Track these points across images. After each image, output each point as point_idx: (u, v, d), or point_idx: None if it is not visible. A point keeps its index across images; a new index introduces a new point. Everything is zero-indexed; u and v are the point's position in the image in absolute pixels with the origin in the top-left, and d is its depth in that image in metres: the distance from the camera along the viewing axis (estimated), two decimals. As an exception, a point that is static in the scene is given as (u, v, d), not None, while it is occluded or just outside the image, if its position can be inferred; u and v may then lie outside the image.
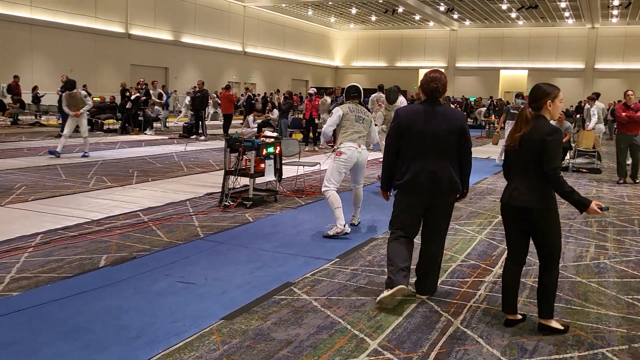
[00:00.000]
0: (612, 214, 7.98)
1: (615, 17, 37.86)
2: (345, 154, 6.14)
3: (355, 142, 6.19)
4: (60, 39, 25.89)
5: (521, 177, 3.66)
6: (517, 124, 3.63)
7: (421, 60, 46.54)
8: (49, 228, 6.08)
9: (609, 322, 4.00)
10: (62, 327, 3.62)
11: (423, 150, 4.12)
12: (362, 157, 6.26)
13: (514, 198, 3.65)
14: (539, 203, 3.56)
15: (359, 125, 6.26)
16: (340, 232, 6.04)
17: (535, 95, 3.65)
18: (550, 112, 3.63)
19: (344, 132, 6.23)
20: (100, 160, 11.68)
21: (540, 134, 3.51)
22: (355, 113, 6.29)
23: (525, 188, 3.60)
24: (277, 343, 3.51)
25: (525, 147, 3.57)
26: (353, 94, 6.51)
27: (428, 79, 4.16)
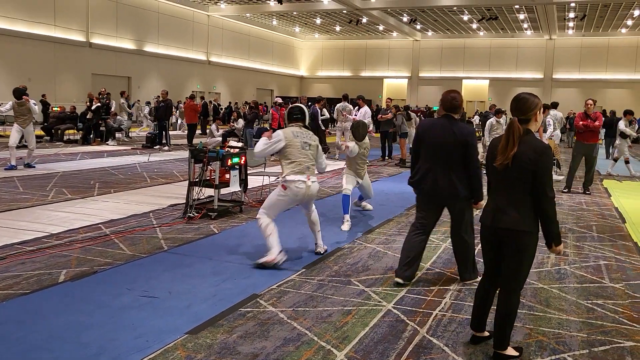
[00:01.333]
0: (571, 220, 8.18)
1: (572, 29, 39.06)
2: (291, 191, 5.35)
3: (304, 175, 5.39)
4: (18, 47, 25.27)
5: (504, 196, 3.38)
6: (508, 139, 3.32)
7: (385, 70, 47.07)
8: (5, 243, 5.88)
9: (570, 327, 4.09)
10: (19, 346, 3.50)
11: (432, 157, 4.76)
12: (312, 190, 5.47)
13: (497, 219, 3.38)
14: (524, 225, 3.30)
15: (305, 153, 5.45)
16: (272, 260, 5.24)
17: (524, 106, 3.38)
18: (536, 124, 3.41)
19: (289, 162, 5.40)
20: (60, 172, 11.40)
21: (534, 152, 3.26)
22: (300, 139, 5.46)
23: (510, 208, 3.34)
24: (243, 357, 3.47)
25: (516, 165, 3.29)
26: (296, 116, 5.62)
27: (449, 97, 4.75)
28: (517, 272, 3.38)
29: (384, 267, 5.50)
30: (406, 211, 8.50)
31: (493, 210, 3.43)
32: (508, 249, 3.38)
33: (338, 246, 6.27)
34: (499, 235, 3.40)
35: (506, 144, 3.33)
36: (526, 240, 3.32)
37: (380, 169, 14.30)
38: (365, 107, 13.48)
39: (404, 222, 7.70)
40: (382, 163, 15.69)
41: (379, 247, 6.31)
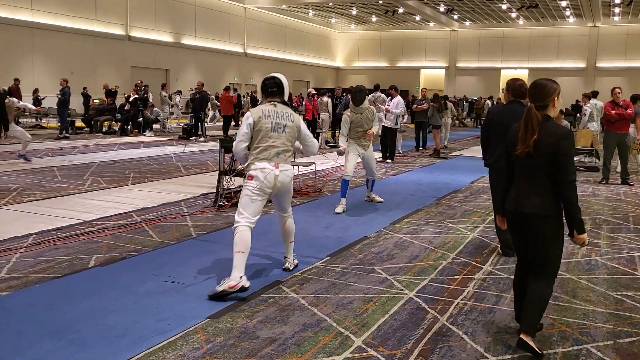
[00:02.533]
0: (607, 211, 7.96)
1: (617, 16, 37.78)
2: (257, 179, 4.47)
3: (271, 162, 4.50)
4: (60, 41, 25.98)
5: (526, 182, 3.39)
6: (527, 126, 3.31)
7: (422, 61, 46.55)
8: (41, 229, 6.09)
9: (596, 318, 4.00)
10: (47, 326, 3.63)
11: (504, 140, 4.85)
12: (283, 179, 4.57)
13: (520, 205, 3.38)
14: (547, 209, 3.30)
15: (277, 136, 4.54)
16: (233, 287, 4.14)
17: (541, 92, 3.35)
18: (555, 110, 3.37)
19: (255, 147, 4.54)
20: (97, 162, 11.71)
21: (555, 137, 3.24)
22: (272, 119, 4.54)
23: (533, 194, 3.34)
24: (261, 341, 3.51)
25: (538, 152, 3.28)
26: (271, 90, 4.69)
27: (518, 84, 5.26)
28: (544, 257, 3.37)
29: (408, 256, 5.48)
30: (436, 201, 8.42)
31: (515, 196, 3.44)
32: (531, 234, 3.39)
33: (364, 235, 6.26)
34: (522, 221, 3.41)
35: (525, 131, 3.31)
36: (547, 224, 3.31)
37: (414, 159, 14.18)
38: (398, 97, 13.35)
39: (434, 212, 7.64)
40: (416, 153, 15.55)
41: (406, 236, 6.28)
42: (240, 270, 4.28)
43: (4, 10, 23.81)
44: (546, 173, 3.29)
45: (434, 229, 6.66)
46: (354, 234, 6.30)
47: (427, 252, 5.64)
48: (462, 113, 31.53)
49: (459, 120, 29.83)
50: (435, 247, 5.85)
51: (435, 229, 6.64)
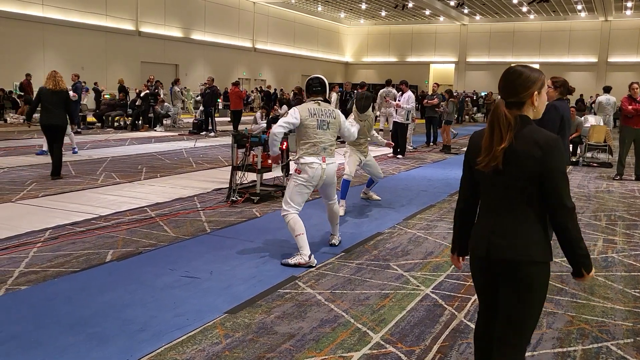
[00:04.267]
0: (622, 208, 7.90)
1: (630, 10, 37.37)
2: (306, 173, 4.98)
3: (318, 156, 4.99)
4: (71, 37, 26.06)
5: (500, 212, 2.36)
6: (493, 129, 2.31)
7: (432, 55, 46.31)
8: (57, 224, 6.13)
9: (615, 316, 3.97)
10: (67, 320, 3.66)
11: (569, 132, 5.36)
12: (329, 172, 5.07)
13: (496, 247, 2.34)
14: (536, 253, 2.30)
15: (322, 133, 5.01)
16: (304, 264, 4.88)
17: (515, 84, 2.35)
18: (536, 109, 2.38)
19: (303, 142, 5.01)
20: (109, 157, 11.76)
21: (537, 146, 2.24)
22: (317, 117, 4.99)
23: (512, 230, 2.32)
24: (279, 337, 3.52)
25: (511, 168, 2.28)
26: (316, 89, 5.16)
27: (564, 81, 5.35)
28: (522, 320, 2.34)
29: (423, 252, 5.47)
30: (449, 197, 8.39)
31: (486, 234, 2.38)
32: (507, 287, 2.34)
33: (378, 230, 6.26)
34: (495, 269, 2.37)
35: (491, 137, 2.31)
36: (536, 275, 2.30)
37: (424, 155, 14.14)
38: (409, 92, 13.31)
39: (447, 207, 7.61)
40: (427, 149, 15.51)
41: (420, 232, 6.27)
42: (307, 249, 4.95)
43: (15, 6, 23.92)
44: (527, 198, 2.29)
45: (448, 225, 6.64)
46: (368, 230, 6.30)
47: (441, 248, 5.63)
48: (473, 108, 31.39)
49: (469, 115, 29.71)
50: (449, 243, 5.82)
51: (449, 225, 6.61)
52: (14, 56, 23.87)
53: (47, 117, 9.00)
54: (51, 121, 8.99)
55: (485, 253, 2.37)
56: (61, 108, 9.05)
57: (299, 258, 4.92)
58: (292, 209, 5.04)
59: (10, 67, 23.61)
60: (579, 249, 2.30)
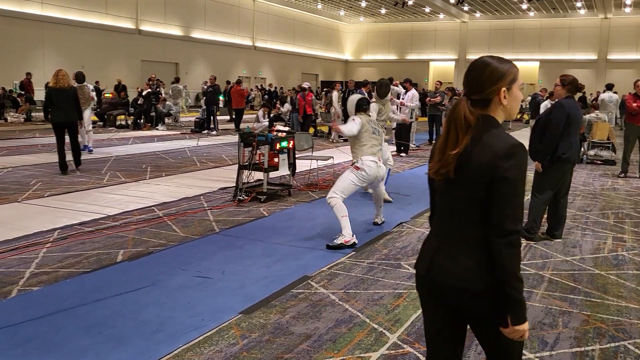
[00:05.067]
0: (629, 205, 7.90)
1: (629, 7, 37.36)
2: (365, 172, 5.71)
3: (375, 156, 5.85)
4: (71, 35, 26.01)
5: (449, 228, 2.02)
6: (449, 132, 1.99)
7: (432, 53, 46.28)
8: (65, 224, 6.12)
9: (630, 315, 3.97)
10: (83, 321, 3.65)
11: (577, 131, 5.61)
12: (381, 172, 5.98)
13: (436, 268, 2.01)
14: (475, 281, 1.91)
15: (375, 137, 5.94)
16: (348, 242, 5.48)
17: (480, 78, 1.99)
18: (506, 108, 2.01)
19: (362, 144, 5.83)
20: (113, 156, 11.74)
21: (492, 154, 1.89)
22: (371, 125, 5.98)
23: (456, 251, 1.97)
24: (296, 337, 3.52)
25: (462, 176, 1.95)
26: (365, 107, 6.13)
27: (573, 79, 5.56)
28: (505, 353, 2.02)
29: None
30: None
31: (431, 253, 2.05)
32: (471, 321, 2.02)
33: (387, 230, 6.25)
34: (442, 295, 2.02)
35: (445, 141, 1.99)
36: (479, 306, 1.94)
37: (428, 153, 14.13)
38: (413, 90, 13.31)
39: (453, 206, 7.60)
40: (429, 147, 15.50)
41: (428, 231, 6.25)
42: (349, 228, 5.51)
43: (14, 4, 23.86)
44: (478, 213, 1.93)
45: (456, 223, 6.63)
46: (376, 229, 6.29)
47: (451, 247, 5.61)
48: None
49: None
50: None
51: (457, 224, 6.61)
52: (14, 55, 23.82)
53: (57, 115, 9.33)
54: (60, 118, 9.30)
55: (425, 271, 2.04)
56: (70, 105, 9.36)
57: (342, 237, 5.48)
58: (339, 195, 5.59)
59: (10, 66, 23.57)
60: (510, 287, 1.85)
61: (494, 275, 1.89)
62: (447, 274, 1.96)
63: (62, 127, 9.34)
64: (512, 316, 1.88)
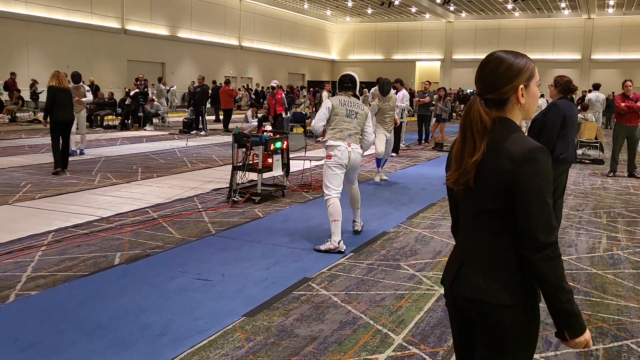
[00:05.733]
0: (619, 204, 7.99)
1: (612, 8, 37.83)
2: (335, 156, 5.44)
3: (344, 141, 5.45)
4: (56, 35, 25.70)
5: (469, 240, 1.89)
6: (465, 136, 1.83)
7: (418, 53, 46.48)
8: (59, 226, 6.04)
9: (630, 314, 4.01)
10: (84, 325, 3.60)
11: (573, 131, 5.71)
12: (355, 156, 5.53)
13: (460, 282, 1.88)
14: (498, 294, 1.78)
15: (350, 121, 5.50)
16: (333, 249, 5.28)
17: (494, 75, 1.83)
18: (523, 108, 1.85)
19: (331, 129, 5.52)
20: (103, 157, 11.62)
21: (510, 159, 1.73)
22: (346, 107, 5.53)
23: (476, 263, 1.85)
24: (301, 339, 3.50)
25: (481, 184, 1.80)
26: (347, 85, 5.69)
27: (566, 81, 5.59)
28: None
29: (432, 252, 5.48)
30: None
31: (456, 266, 1.92)
32: (480, 332, 1.86)
33: (384, 230, 6.25)
34: (464, 308, 1.89)
35: (462, 147, 1.83)
36: (505, 319, 1.78)
37: (418, 152, 14.19)
38: (404, 91, 13.33)
39: (447, 206, 7.62)
40: (419, 147, 15.56)
41: (425, 231, 6.28)
42: (338, 235, 5.32)
43: (-2, 3, 23.54)
44: (497, 224, 1.80)
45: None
46: (373, 229, 6.29)
47: (449, 248, 5.64)
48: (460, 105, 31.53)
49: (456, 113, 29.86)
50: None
51: (453, 224, 6.63)
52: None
53: (59, 114, 9.49)
54: (63, 117, 9.54)
55: (448, 286, 1.93)
56: (70, 105, 9.70)
57: (329, 244, 5.32)
58: (333, 192, 5.44)
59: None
60: (559, 301, 1.69)
61: (521, 288, 1.77)
62: (471, 288, 1.83)
63: (63, 126, 9.56)
64: (568, 330, 1.72)
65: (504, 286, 1.77)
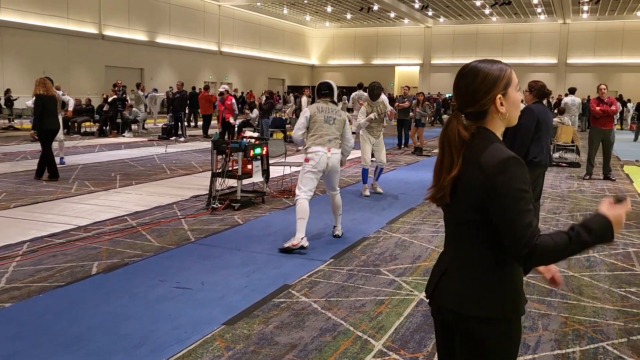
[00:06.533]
0: (595, 207, 8.11)
1: (586, 13, 38.54)
2: (313, 160, 5.64)
3: (324, 147, 5.66)
4: (31, 40, 25.36)
5: (451, 252, 1.90)
6: (443, 152, 1.84)
7: (397, 58, 46.79)
8: (35, 236, 5.95)
9: (606, 316, 4.07)
10: (61, 337, 3.54)
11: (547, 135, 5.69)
12: (333, 161, 5.73)
13: (441, 292, 1.88)
14: (476, 306, 1.77)
15: (328, 127, 5.72)
16: (296, 245, 5.43)
17: (471, 89, 1.81)
18: (505, 116, 1.83)
19: (311, 135, 5.73)
20: (80, 164, 11.48)
21: (481, 171, 1.73)
22: (324, 114, 5.75)
23: (456, 274, 1.85)
24: (281, 347, 3.49)
25: (460, 200, 1.80)
26: (324, 92, 5.91)
27: (540, 85, 5.68)
28: None
29: (411, 257, 5.50)
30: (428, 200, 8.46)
31: (438, 275, 1.92)
32: (459, 342, 1.85)
33: (363, 236, 6.27)
34: (445, 318, 1.89)
35: (440, 163, 1.85)
36: (484, 332, 1.77)
37: (397, 157, 14.25)
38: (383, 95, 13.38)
39: (427, 210, 7.68)
40: (398, 151, 15.63)
41: (405, 236, 6.31)
42: (302, 232, 5.47)
43: (-28, 9, 23.17)
44: (476, 236, 1.80)
45: (431, 228, 6.70)
46: (353, 235, 6.30)
47: (428, 252, 5.67)
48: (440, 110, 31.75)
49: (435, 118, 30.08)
50: (435, 246, 5.88)
51: (432, 228, 6.68)
52: (-28, 61, 23.12)
53: (49, 122, 9.44)
54: (52, 126, 9.50)
55: (429, 294, 1.93)
56: (56, 112, 9.68)
57: (292, 240, 5.48)
58: (303, 193, 5.63)
59: (-32, 72, 22.86)
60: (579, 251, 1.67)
61: (502, 301, 1.77)
62: (451, 299, 1.82)
63: (52, 134, 9.54)
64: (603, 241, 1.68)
65: (484, 298, 1.77)
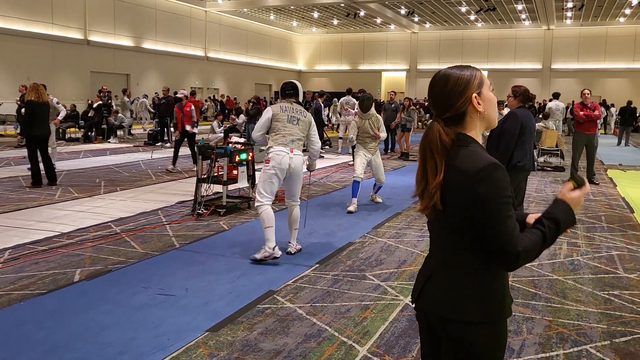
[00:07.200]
0: (580, 211, 8.17)
1: (570, 19, 38.97)
2: (274, 160, 5.32)
3: (286, 147, 5.38)
4: (15, 45, 25.13)
5: (437, 255, 1.90)
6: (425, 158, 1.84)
7: (383, 63, 46.95)
8: (17, 243, 5.87)
9: (589, 319, 4.09)
10: (42, 346, 3.49)
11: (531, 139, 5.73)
12: (296, 163, 5.40)
13: (426, 296, 1.88)
14: (461, 310, 1.78)
15: (292, 127, 5.46)
16: (268, 256, 5.24)
17: (444, 94, 1.83)
18: (483, 115, 1.84)
19: (274, 135, 5.45)
20: (64, 170, 11.36)
21: (464, 176, 1.74)
22: (288, 113, 5.50)
23: (442, 278, 1.85)
24: (265, 354, 3.46)
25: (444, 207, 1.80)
26: (288, 92, 5.69)
27: (524, 90, 5.68)
28: None
29: (397, 261, 5.50)
30: (414, 204, 8.49)
31: (422, 280, 1.93)
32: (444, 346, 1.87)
33: (349, 240, 6.26)
34: (430, 323, 1.91)
35: (423, 169, 1.85)
36: (470, 336, 1.78)
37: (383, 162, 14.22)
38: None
39: (413, 215, 7.69)
40: (385, 156, 15.66)
41: (390, 241, 6.31)
42: (272, 242, 5.27)
43: (-45, 14, 22.92)
44: (460, 241, 1.81)
45: (416, 232, 6.71)
46: (339, 240, 6.29)
47: (414, 257, 5.67)
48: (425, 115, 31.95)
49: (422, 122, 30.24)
50: (421, 251, 5.89)
51: (418, 233, 6.68)
52: (-45, 66, 22.85)
53: (37, 129, 9.32)
54: (40, 132, 9.35)
55: (416, 299, 1.93)
56: (47, 119, 9.53)
57: (264, 251, 5.27)
58: (265, 199, 5.37)
59: (-49, 78, 22.59)
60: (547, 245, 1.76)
61: (487, 305, 1.78)
62: (436, 304, 1.83)
63: (40, 141, 9.40)
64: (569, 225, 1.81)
65: (468, 303, 1.78)
